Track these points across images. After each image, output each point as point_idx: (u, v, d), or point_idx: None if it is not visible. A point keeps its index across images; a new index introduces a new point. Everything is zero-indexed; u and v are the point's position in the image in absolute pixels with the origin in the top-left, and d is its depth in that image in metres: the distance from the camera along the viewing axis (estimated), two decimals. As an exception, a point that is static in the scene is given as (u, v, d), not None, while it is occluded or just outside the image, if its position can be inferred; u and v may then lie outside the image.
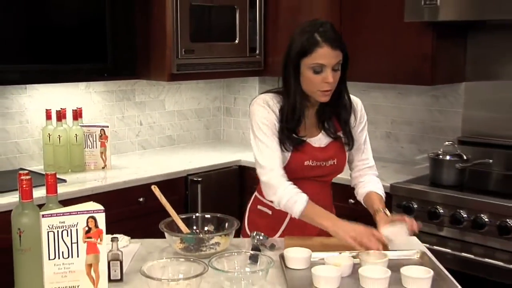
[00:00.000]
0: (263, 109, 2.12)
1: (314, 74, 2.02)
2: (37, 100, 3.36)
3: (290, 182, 2.09)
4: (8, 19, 2.96)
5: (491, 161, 3.18)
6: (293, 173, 2.14)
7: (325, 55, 2.00)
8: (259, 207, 2.28)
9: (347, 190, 3.22)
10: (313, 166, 2.17)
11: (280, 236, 2.20)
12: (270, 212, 2.24)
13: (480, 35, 3.34)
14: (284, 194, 2.05)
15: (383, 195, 2.27)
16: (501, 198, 2.77)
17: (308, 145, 2.15)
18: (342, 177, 3.25)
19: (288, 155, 2.13)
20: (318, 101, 2.12)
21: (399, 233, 2.00)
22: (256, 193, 2.32)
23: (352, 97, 2.24)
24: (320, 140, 2.17)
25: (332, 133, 2.18)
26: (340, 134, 2.20)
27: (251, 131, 2.15)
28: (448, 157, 3.08)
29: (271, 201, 2.11)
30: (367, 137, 2.32)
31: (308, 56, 2.01)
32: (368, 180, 2.31)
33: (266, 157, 2.09)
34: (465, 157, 3.08)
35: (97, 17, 3.32)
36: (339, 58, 2.03)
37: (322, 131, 2.18)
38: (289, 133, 2.11)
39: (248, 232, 2.26)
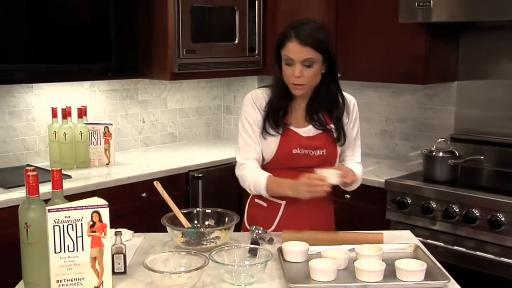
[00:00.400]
0: (249, 105, 2.22)
1: (287, 66, 2.11)
2: (44, 98, 3.38)
3: (256, 166, 2.18)
4: (15, 21, 2.97)
5: (482, 157, 3.20)
6: (283, 163, 2.19)
7: (293, 49, 2.07)
8: (255, 200, 2.32)
9: (343, 186, 3.28)
10: (302, 154, 2.19)
11: (276, 227, 2.23)
12: (265, 205, 2.27)
13: (472, 36, 3.34)
14: (250, 179, 2.16)
15: (358, 176, 2.25)
16: (492, 194, 2.78)
17: (296, 133, 2.20)
18: (338, 173, 3.31)
19: (275, 143, 2.18)
20: (308, 94, 2.19)
21: (331, 176, 2.05)
22: None
23: (347, 95, 2.28)
24: (309, 131, 2.21)
25: (320, 126, 2.20)
26: (330, 127, 2.22)
27: (239, 121, 2.26)
28: (440, 154, 3.10)
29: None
30: (359, 134, 2.35)
31: (282, 48, 2.11)
32: (353, 164, 2.33)
33: (242, 153, 2.21)
34: (457, 154, 3.09)
35: (102, 19, 3.31)
36: (308, 55, 2.07)
37: (311, 124, 2.21)
38: (274, 119, 2.18)
39: (247, 226, 2.28)
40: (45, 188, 1.99)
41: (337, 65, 2.19)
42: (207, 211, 2.19)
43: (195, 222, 2.14)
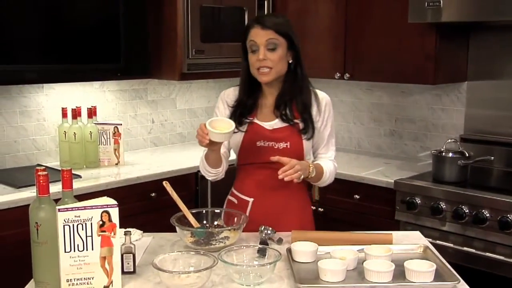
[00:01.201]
0: (220, 101, 2.32)
1: (251, 54, 2.18)
2: (54, 98, 3.39)
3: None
4: (27, 22, 2.99)
5: (492, 158, 3.19)
6: (249, 157, 2.23)
7: (256, 33, 2.17)
8: (228, 197, 2.38)
9: (352, 186, 3.30)
10: (266, 147, 2.22)
11: (246, 226, 2.17)
12: (236, 201, 2.32)
13: (482, 36, 3.34)
14: (199, 161, 2.27)
15: (326, 171, 2.26)
16: (502, 194, 2.78)
17: (260, 127, 2.24)
18: (347, 173, 3.34)
19: (240, 136, 2.23)
20: (275, 90, 2.24)
21: (212, 134, 2.02)
22: (232, 187, 2.40)
23: (320, 92, 2.32)
24: (275, 124, 2.24)
25: (287, 119, 2.22)
26: (298, 121, 2.24)
27: None
28: (450, 154, 3.09)
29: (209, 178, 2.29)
30: (333, 132, 2.34)
31: (246, 38, 2.20)
32: (323, 160, 2.32)
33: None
34: (467, 154, 3.08)
35: (111, 20, 3.33)
36: (270, 36, 2.15)
37: (279, 118, 2.24)
38: (239, 116, 2.23)
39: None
40: (55, 188, 2.00)
41: (301, 55, 2.25)
42: (216, 211, 2.20)
43: (204, 222, 2.14)
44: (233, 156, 2.38)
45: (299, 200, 2.33)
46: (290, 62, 2.23)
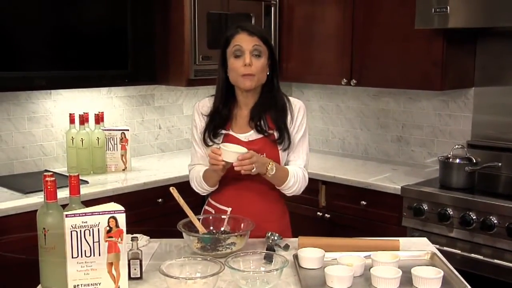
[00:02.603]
0: (195, 113, 2.33)
1: (235, 59, 2.17)
2: (61, 104, 3.41)
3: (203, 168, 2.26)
4: (36, 29, 3.01)
5: (500, 164, 3.18)
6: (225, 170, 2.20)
7: (242, 39, 2.17)
8: (205, 207, 2.38)
9: (359, 192, 3.29)
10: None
11: None
12: (213, 211, 2.31)
13: (489, 42, 3.33)
14: (194, 176, 2.28)
15: (292, 176, 2.21)
16: (509, 201, 2.77)
17: (236, 138, 2.23)
18: (354, 179, 3.34)
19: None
20: (250, 101, 2.24)
21: (226, 154, 2.06)
22: (209, 197, 2.41)
23: (294, 99, 2.31)
24: (250, 135, 2.23)
25: (262, 130, 2.22)
26: (272, 131, 2.23)
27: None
28: (457, 160, 3.09)
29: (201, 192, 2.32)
30: (305, 140, 2.31)
31: (230, 44, 2.19)
32: (292, 166, 2.28)
33: (192, 159, 2.36)
34: (474, 160, 3.08)
35: (119, 26, 3.35)
36: (256, 43, 2.17)
37: (254, 129, 2.24)
38: (214, 128, 2.24)
39: None
40: (63, 194, 2.00)
41: (277, 66, 2.27)
42: (222, 217, 2.19)
43: (211, 228, 2.14)
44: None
45: (276, 209, 2.33)
46: (267, 73, 2.24)
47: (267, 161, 2.13)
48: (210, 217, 2.20)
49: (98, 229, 1.64)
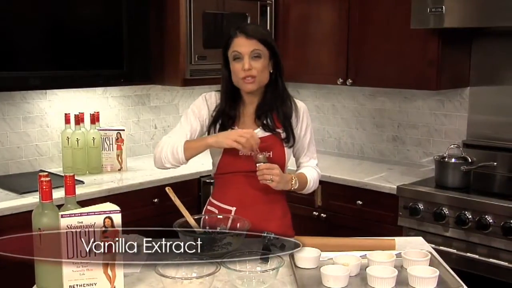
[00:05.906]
0: (201, 100, 2.31)
1: (235, 62, 2.18)
2: (57, 104, 3.40)
3: None
4: (30, 29, 3.00)
5: (495, 163, 3.19)
6: (230, 166, 2.23)
7: (240, 43, 2.17)
8: (208, 207, 2.37)
9: (355, 192, 3.30)
10: (247, 156, 2.21)
11: None
12: (216, 211, 2.31)
13: (484, 42, 3.34)
14: (168, 145, 2.22)
15: (311, 180, 2.31)
16: (505, 200, 2.77)
17: None
18: (350, 178, 3.34)
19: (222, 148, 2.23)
20: (256, 99, 2.25)
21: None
22: (210, 197, 2.41)
23: (298, 101, 2.35)
24: (257, 133, 2.23)
25: (269, 128, 2.24)
26: (279, 130, 2.26)
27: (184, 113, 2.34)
28: (453, 160, 3.09)
29: (163, 166, 2.27)
30: (312, 140, 2.39)
31: (229, 47, 2.20)
32: (306, 168, 2.37)
33: (172, 133, 2.30)
34: (470, 160, 3.08)
35: (114, 26, 3.34)
36: (255, 47, 2.17)
37: (260, 127, 2.26)
38: (222, 126, 2.24)
39: None
40: (58, 194, 1.98)
41: (281, 65, 2.26)
42: (218, 217, 2.20)
43: (207, 227, 2.12)
44: (209, 167, 2.39)
45: (280, 207, 2.35)
46: (271, 72, 2.25)
47: (290, 177, 2.20)
48: (206, 217, 2.18)
49: (94, 229, 1.64)
